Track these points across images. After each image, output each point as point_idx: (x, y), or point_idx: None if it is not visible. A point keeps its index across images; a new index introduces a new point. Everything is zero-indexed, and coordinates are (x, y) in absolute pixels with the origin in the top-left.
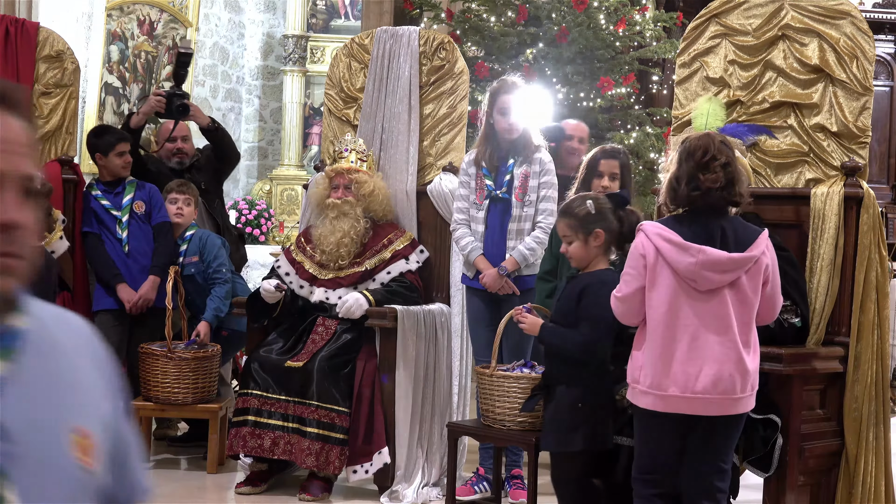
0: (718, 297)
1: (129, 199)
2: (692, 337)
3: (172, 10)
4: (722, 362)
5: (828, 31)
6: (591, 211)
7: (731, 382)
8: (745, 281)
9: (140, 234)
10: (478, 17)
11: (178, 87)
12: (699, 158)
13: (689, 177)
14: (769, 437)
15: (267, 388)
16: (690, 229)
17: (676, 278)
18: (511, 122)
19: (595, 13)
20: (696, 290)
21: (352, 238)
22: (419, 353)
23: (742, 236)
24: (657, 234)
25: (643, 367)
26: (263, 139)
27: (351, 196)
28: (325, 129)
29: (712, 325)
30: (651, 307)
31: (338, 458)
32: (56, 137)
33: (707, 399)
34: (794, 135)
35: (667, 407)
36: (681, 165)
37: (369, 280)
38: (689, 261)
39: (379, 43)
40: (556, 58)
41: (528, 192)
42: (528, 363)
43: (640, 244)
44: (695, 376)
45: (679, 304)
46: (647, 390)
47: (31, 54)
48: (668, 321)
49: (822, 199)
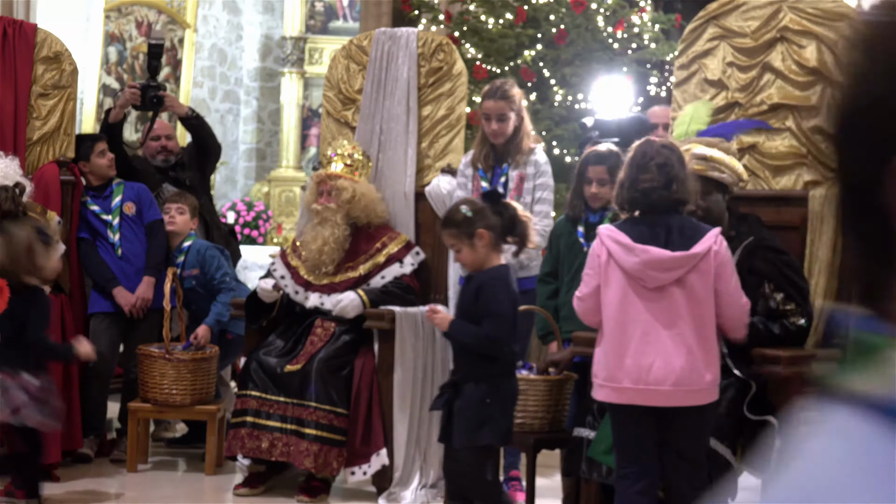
0: (667, 294)
1: (118, 201)
2: (643, 332)
3: (170, 11)
4: (672, 355)
5: (826, 34)
6: (467, 215)
7: (682, 374)
8: (695, 278)
9: (132, 237)
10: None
11: (152, 79)
12: (637, 161)
13: (630, 180)
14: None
15: (266, 390)
16: (637, 230)
17: (626, 277)
18: (493, 128)
19: (593, 15)
20: (645, 289)
21: (331, 246)
22: (417, 354)
23: (689, 235)
24: (608, 236)
25: (599, 362)
26: (261, 141)
27: (333, 202)
28: (323, 131)
29: (662, 321)
30: (605, 305)
31: (336, 459)
32: (54, 139)
33: (660, 391)
34: (793, 137)
35: (621, 398)
36: (624, 170)
37: (364, 285)
38: (634, 260)
39: (377, 45)
40: (554, 60)
41: (522, 195)
42: (526, 365)
43: (596, 246)
44: (647, 369)
45: (629, 301)
46: (603, 383)
47: (29, 56)
48: (620, 317)
49: (820, 201)
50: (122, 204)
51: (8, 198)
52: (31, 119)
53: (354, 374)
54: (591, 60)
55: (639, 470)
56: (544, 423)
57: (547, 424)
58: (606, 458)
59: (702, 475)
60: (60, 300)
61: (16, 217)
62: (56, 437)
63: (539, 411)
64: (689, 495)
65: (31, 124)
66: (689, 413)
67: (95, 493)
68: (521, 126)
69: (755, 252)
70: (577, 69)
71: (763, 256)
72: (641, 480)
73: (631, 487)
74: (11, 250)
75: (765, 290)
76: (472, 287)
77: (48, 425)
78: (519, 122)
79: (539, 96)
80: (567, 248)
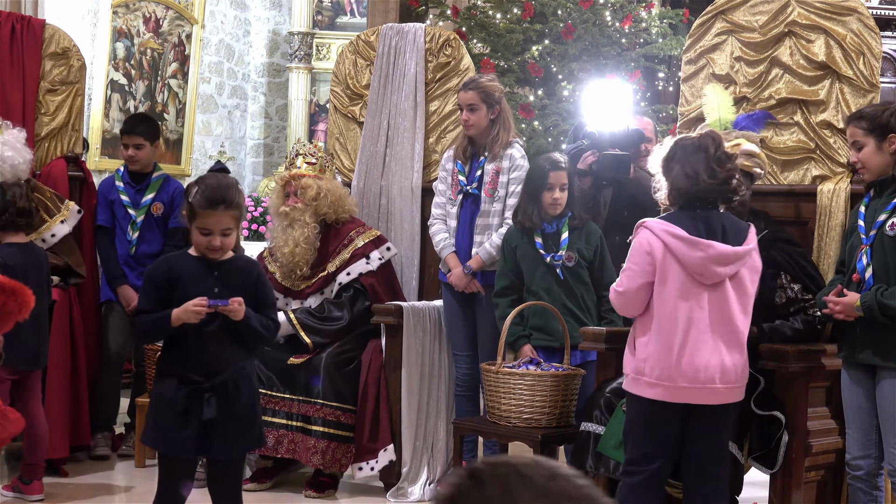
0: (721, 290)
1: (148, 198)
2: (700, 329)
3: (178, 6)
4: (724, 352)
5: (834, 28)
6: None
7: (733, 372)
8: (745, 274)
9: (151, 238)
10: (483, 14)
11: None
12: (711, 152)
13: (708, 171)
14: (774, 433)
15: (271, 387)
16: (692, 224)
17: (685, 272)
18: (463, 118)
19: (601, 10)
20: (702, 285)
21: (303, 246)
22: (424, 349)
23: (736, 230)
24: (663, 230)
25: (649, 359)
26: (269, 136)
27: (300, 202)
28: (330, 126)
29: (717, 317)
30: (661, 302)
31: (344, 455)
32: (62, 134)
33: (712, 389)
34: (801, 131)
35: (675, 397)
36: (688, 162)
37: (332, 282)
38: (698, 255)
39: (385, 40)
40: (561, 55)
41: (497, 188)
42: (534, 360)
43: (647, 241)
44: (703, 367)
45: (688, 297)
46: (657, 382)
47: (37, 51)
48: (678, 315)
49: (828, 195)
50: (152, 203)
51: (23, 194)
52: (39, 115)
53: (361, 370)
54: (599, 56)
55: (658, 467)
56: (552, 418)
57: (554, 420)
58: (616, 453)
59: (724, 473)
60: (69, 293)
61: (30, 213)
62: (64, 432)
63: (546, 406)
64: (711, 494)
65: (39, 120)
66: (727, 409)
67: (104, 488)
68: (497, 119)
69: (773, 244)
70: (585, 64)
71: (780, 249)
72: (657, 478)
73: (644, 483)
74: None
75: (781, 281)
76: None
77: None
78: (495, 115)
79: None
80: (525, 258)
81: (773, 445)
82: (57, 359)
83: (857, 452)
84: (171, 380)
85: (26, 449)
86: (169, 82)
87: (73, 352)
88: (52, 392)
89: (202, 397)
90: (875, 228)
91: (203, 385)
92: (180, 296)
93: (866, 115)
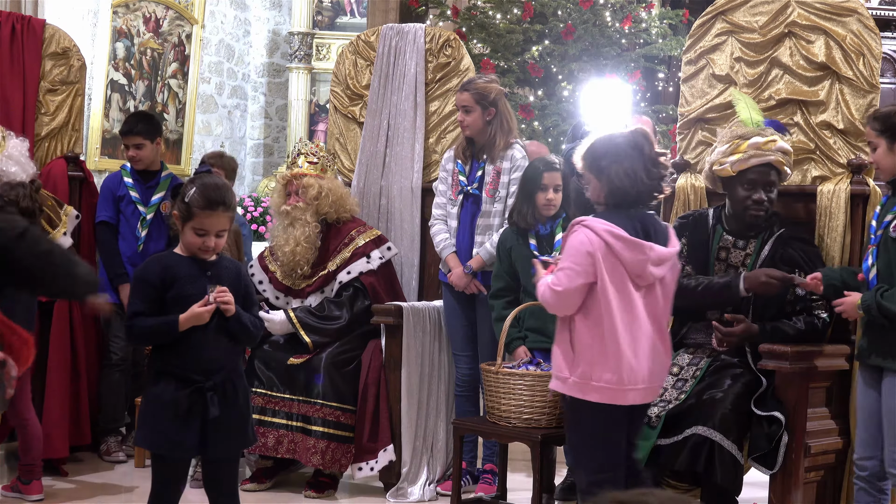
0: (652, 291)
1: (158, 197)
2: (640, 331)
3: (178, 7)
4: (657, 353)
5: (834, 29)
6: None
7: (662, 372)
8: (670, 276)
9: (159, 236)
10: (483, 15)
11: None
12: (646, 151)
13: (646, 171)
14: (774, 433)
15: (271, 387)
16: (631, 225)
17: (626, 274)
18: (459, 118)
19: (601, 10)
20: (637, 286)
21: (304, 245)
22: (424, 349)
23: (661, 231)
24: (605, 230)
25: (597, 363)
26: (269, 136)
27: (301, 201)
28: (330, 126)
29: (651, 317)
30: (604, 303)
31: (344, 455)
32: (62, 134)
33: (648, 388)
34: (801, 132)
35: (623, 399)
36: (627, 160)
37: (333, 281)
38: (640, 257)
39: (385, 40)
40: (561, 55)
41: (498, 188)
42: (534, 360)
43: (587, 239)
44: (643, 368)
45: (629, 298)
46: (604, 385)
47: (37, 51)
48: (622, 317)
49: (828, 196)
50: (162, 201)
51: (26, 195)
52: (40, 115)
53: (361, 370)
54: (599, 56)
55: (614, 475)
56: (551, 418)
57: (554, 420)
58: None
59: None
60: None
61: (32, 214)
62: (64, 432)
63: (546, 406)
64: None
65: (39, 120)
66: (646, 409)
67: (104, 488)
68: (493, 121)
69: (789, 242)
70: (585, 65)
71: (797, 247)
72: (621, 484)
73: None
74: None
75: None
76: None
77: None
78: (491, 116)
79: (546, 92)
80: (520, 259)
81: (772, 446)
82: (57, 359)
83: (863, 453)
84: (170, 380)
85: (21, 450)
86: (169, 82)
87: (74, 352)
88: (53, 392)
89: (204, 397)
90: (882, 228)
91: (205, 384)
92: (175, 296)
93: (879, 116)
